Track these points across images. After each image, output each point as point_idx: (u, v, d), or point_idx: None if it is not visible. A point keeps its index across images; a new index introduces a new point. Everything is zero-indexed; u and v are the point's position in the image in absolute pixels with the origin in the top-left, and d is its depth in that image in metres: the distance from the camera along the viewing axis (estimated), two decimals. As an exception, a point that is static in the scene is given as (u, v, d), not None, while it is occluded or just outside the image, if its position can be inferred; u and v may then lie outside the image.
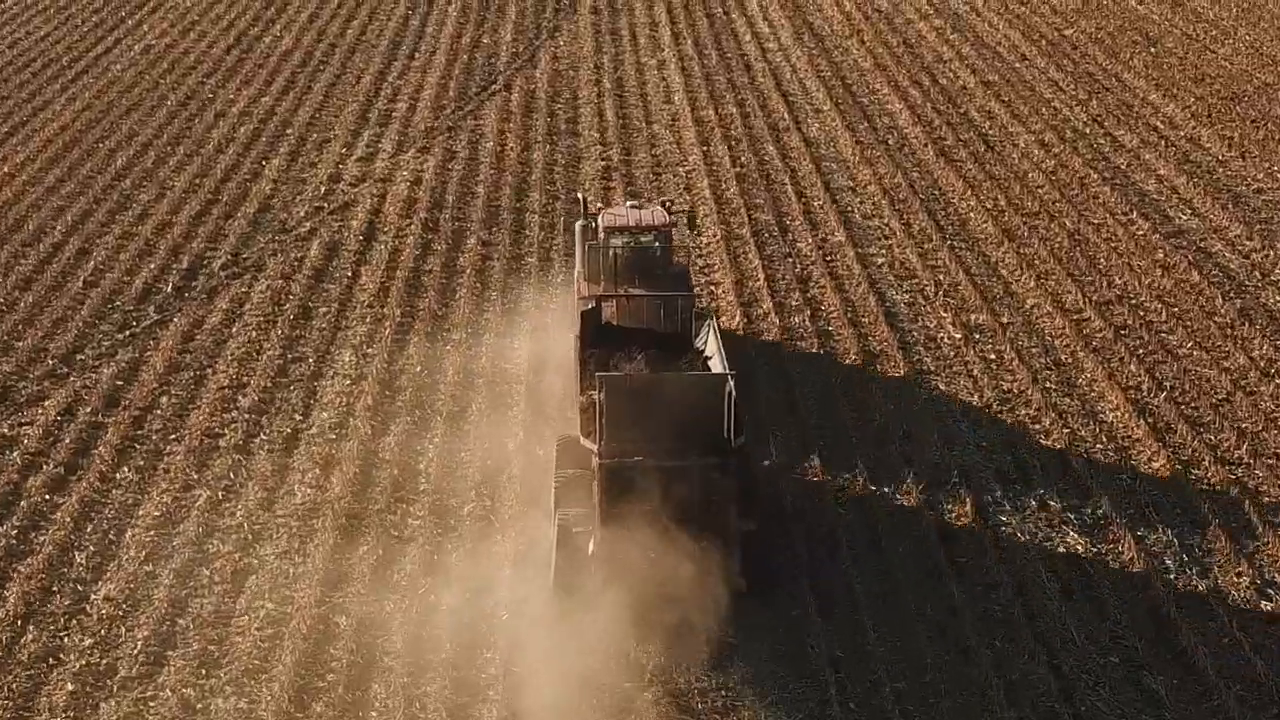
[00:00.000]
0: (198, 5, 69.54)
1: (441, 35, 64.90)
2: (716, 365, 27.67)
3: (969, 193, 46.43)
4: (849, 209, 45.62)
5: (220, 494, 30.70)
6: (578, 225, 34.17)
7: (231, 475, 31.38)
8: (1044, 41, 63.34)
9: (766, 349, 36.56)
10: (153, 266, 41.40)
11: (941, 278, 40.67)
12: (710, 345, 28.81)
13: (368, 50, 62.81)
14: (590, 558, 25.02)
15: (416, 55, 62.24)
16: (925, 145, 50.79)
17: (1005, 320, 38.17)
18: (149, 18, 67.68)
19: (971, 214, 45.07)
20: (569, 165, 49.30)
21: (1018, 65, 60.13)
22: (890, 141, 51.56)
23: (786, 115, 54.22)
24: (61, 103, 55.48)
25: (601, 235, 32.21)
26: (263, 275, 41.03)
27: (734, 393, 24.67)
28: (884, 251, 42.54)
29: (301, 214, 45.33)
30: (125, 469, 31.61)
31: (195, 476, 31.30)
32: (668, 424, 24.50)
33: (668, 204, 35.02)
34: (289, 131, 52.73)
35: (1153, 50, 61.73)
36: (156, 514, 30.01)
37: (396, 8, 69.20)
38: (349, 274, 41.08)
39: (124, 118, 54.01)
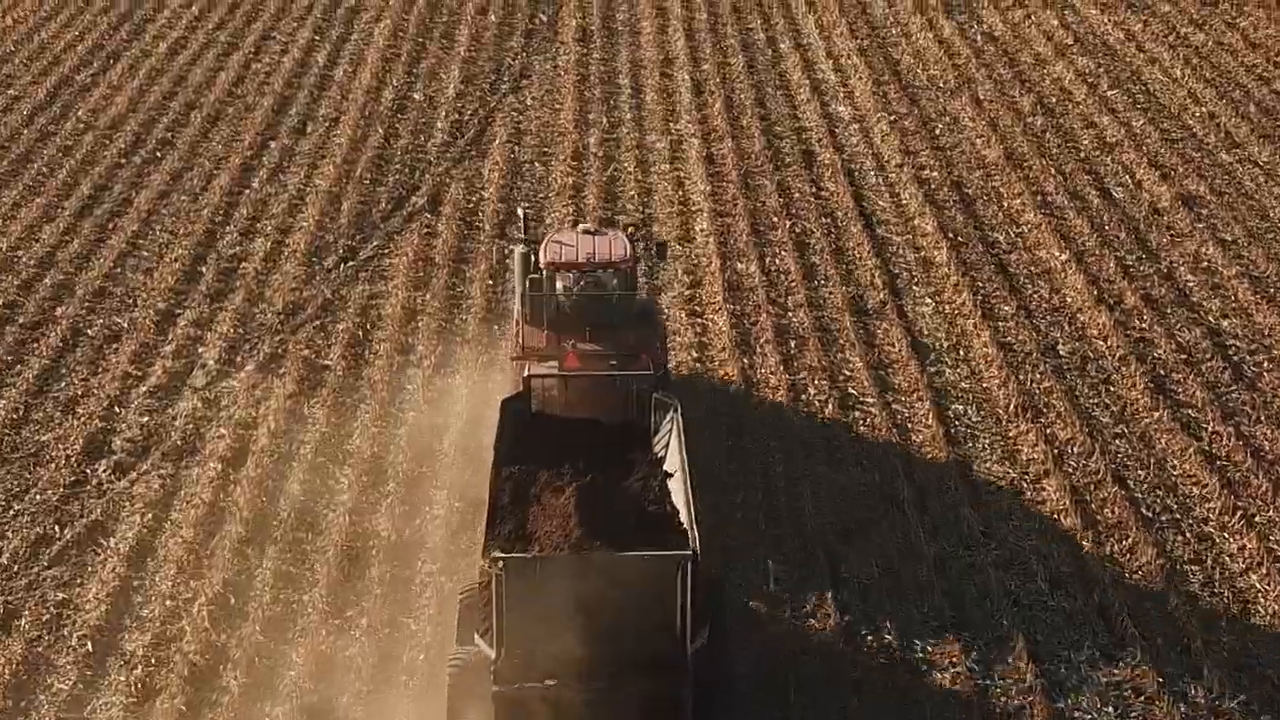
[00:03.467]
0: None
1: (354, 85, 42.72)
2: (678, 490, 19.66)
3: (1247, 538, 24.45)
4: (1022, 594, 23.71)
5: None
6: (517, 251, 26.38)
7: None
8: (1253, 107, 40.83)
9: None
10: None
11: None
12: (673, 453, 20.78)
13: (238, 116, 40.64)
14: None
15: (310, 125, 40.18)
16: (1133, 370, 28.73)
17: None
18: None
19: (1266, 585, 23.19)
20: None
21: (1226, 158, 37.92)
22: (1067, 355, 29.50)
23: (879, 280, 32.14)
24: None
25: (544, 271, 24.97)
26: None
27: (695, 565, 17.56)
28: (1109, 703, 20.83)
29: (-2, 566, 23.68)
30: None
31: None
32: (597, 623, 17.40)
33: (631, 228, 28.03)
34: (60, 313, 30.95)
35: None
36: None
37: (300, 31, 46.79)
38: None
39: None
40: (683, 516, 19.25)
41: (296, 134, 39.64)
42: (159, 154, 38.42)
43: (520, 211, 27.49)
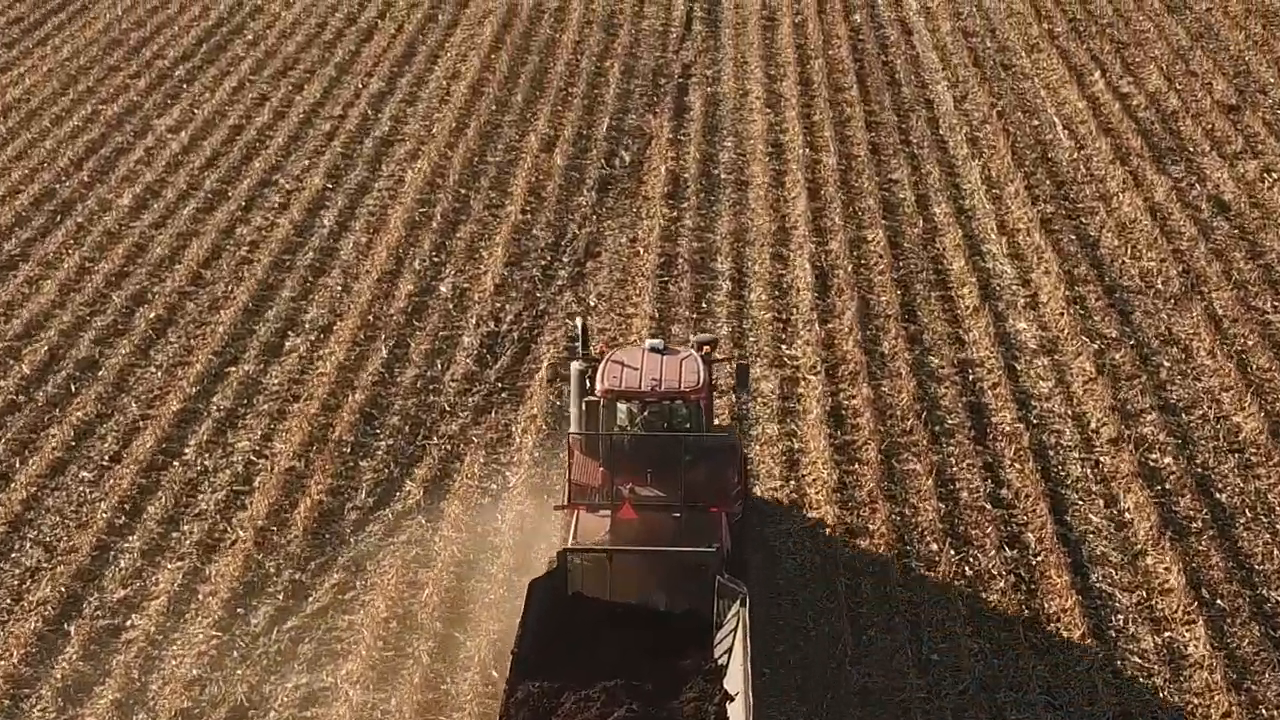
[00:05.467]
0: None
1: (363, 268, 31.30)
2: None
3: None
4: None
5: None
6: (574, 367, 21.92)
7: None
8: None
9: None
10: None
11: None
12: (735, 663, 17.41)
13: (199, 320, 29.25)
14: None
15: (291, 336, 28.72)
16: None
17: None
18: None
19: None
20: None
21: None
22: None
23: (1105, 692, 20.14)
24: None
25: (600, 397, 20.88)
26: None
27: None
28: None
29: None
30: None
31: None
32: None
33: (707, 347, 22.39)
34: None
35: None
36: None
37: (309, 176, 35.25)
38: None
39: None
40: None
41: (269, 354, 28.15)
42: (73, 387, 27.12)
43: (579, 322, 23.64)
